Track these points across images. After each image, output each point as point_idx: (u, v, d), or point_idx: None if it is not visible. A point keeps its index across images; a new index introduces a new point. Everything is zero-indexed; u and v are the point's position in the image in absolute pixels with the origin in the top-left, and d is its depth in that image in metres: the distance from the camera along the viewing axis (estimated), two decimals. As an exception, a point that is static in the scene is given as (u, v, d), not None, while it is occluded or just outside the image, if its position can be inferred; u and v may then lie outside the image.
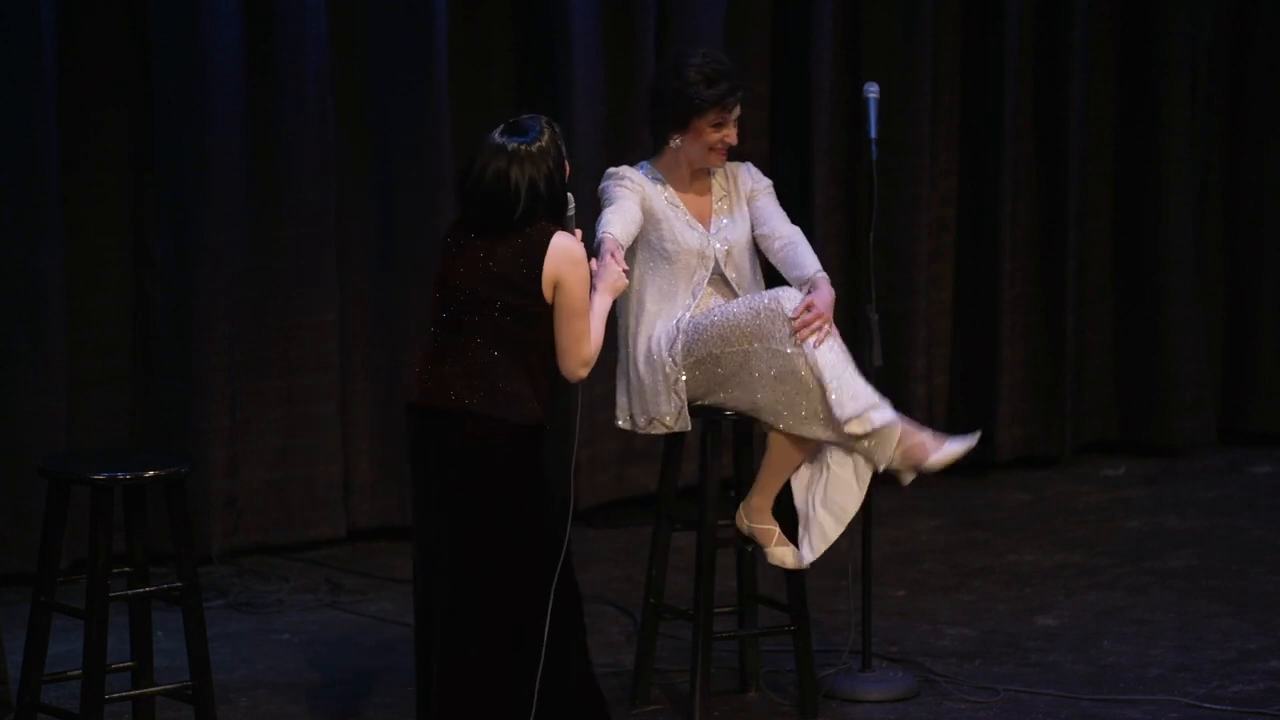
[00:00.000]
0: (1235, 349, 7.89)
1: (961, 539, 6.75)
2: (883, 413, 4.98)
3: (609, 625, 5.89)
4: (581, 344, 4.42)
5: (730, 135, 5.10)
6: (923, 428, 5.08)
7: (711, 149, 5.10)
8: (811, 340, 4.94)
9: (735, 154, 5.40)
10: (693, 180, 5.18)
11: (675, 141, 5.11)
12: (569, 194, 4.52)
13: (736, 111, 5.10)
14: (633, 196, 5.05)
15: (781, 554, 5.09)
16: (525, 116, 4.47)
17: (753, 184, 5.24)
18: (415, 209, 6.62)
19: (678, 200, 5.12)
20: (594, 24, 6.73)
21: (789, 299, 4.99)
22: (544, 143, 4.42)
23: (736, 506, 5.17)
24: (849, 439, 4.98)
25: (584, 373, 4.45)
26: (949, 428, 7.56)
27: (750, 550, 5.22)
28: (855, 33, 7.26)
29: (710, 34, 6.85)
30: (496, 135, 4.43)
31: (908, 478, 5.06)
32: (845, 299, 7.23)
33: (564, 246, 4.41)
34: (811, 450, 5.06)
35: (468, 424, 4.36)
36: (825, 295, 4.99)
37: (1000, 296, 7.48)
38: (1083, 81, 7.51)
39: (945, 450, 5.02)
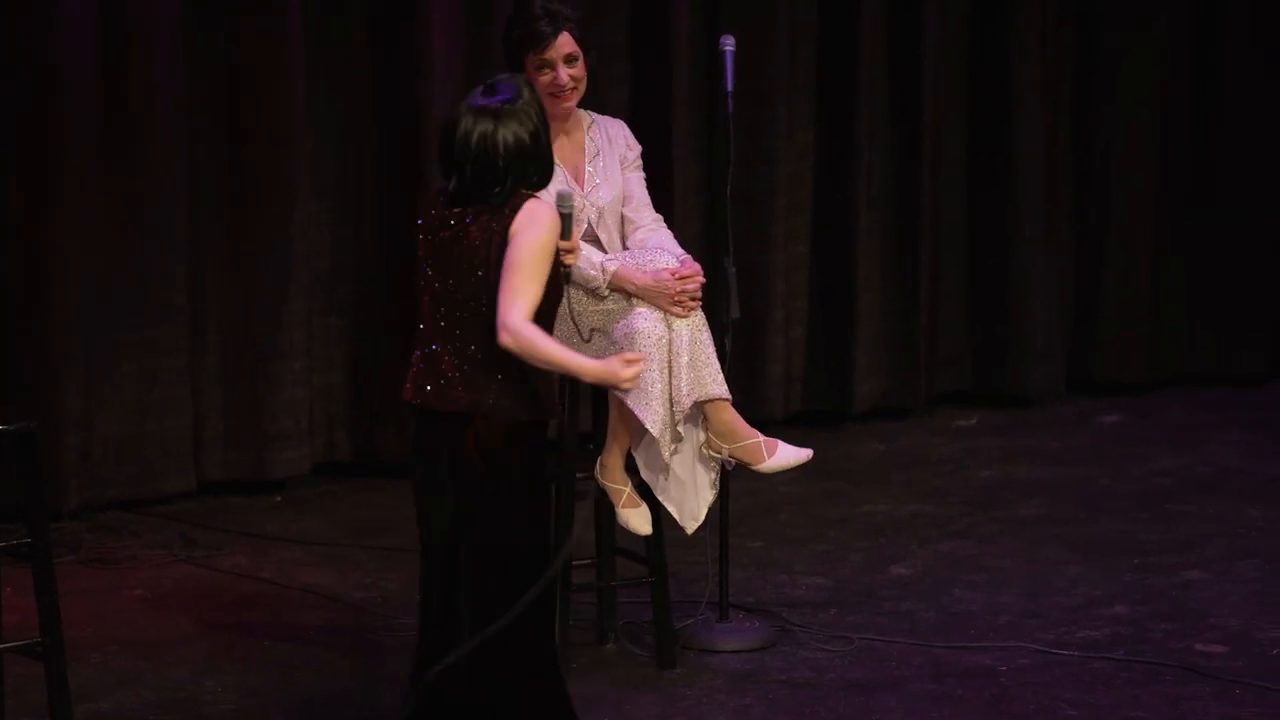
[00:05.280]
0: (1082, 299, 8.02)
1: (818, 490, 6.81)
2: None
3: (467, 578, 5.89)
4: (507, 301, 4.04)
5: (559, 77, 4.97)
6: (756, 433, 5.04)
7: (550, 94, 4.98)
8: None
9: (598, 106, 5.35)
10: (566, 134, 5.12)
11: None
12: (564, 191, 4.27)
13: (562, 52, 4.98)
14: None
15: (627, 515, 5.07)
16: (500, 77, 4.23)
17: (626, 148, 5.16)
18: (266, 156, 6.54)
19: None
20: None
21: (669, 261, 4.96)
22: (525, 98, 4.17)
23: (595, 460, 5.17)
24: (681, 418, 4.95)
25: (504, 337, 4.04)
26: (807, 380, 7.64)
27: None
28: (714, -16, 7.26)
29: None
30: (476, 97, 4.17)
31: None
32: (703, 252, 7.27)
33: (530, 208, 4.14)
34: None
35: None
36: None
37: (856, 249, 7.53)
38: (937, 36, 7.56)
39: (779, 457, 5.03)
